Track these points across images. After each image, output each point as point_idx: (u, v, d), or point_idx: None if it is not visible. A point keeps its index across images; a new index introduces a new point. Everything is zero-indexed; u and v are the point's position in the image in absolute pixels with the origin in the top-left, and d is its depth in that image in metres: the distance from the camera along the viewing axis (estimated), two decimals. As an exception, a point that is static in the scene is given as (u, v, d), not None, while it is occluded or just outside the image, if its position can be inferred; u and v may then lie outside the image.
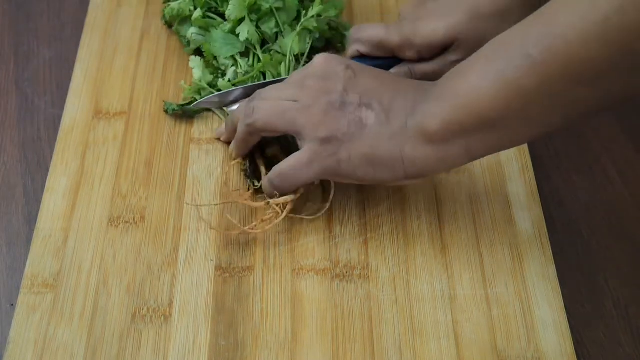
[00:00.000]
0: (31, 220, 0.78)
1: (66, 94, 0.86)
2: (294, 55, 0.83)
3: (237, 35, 0.83)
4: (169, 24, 0.91)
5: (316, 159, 0.71)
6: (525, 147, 0.81)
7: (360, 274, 0.73)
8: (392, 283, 0.73)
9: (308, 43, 0.85)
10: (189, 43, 0.88)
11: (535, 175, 0.79)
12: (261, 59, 0.83)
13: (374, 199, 0.78)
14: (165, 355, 0.68)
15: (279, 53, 0.84)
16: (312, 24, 0.84)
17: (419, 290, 0.72)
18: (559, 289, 0.72)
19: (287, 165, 0.72)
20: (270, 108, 0.73)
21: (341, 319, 0.71)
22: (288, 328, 0.70)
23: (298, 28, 0.84)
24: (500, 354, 0.69)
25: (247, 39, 0.83)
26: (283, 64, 0.83)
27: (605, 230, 0.78)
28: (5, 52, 0.92)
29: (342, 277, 0.73)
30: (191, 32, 0.87)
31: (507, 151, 0.81)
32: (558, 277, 0.73)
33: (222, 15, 0.86)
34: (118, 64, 0.88)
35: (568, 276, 0.75)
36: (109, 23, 0.92)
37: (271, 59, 0.82)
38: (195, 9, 0.87)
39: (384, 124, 0.69)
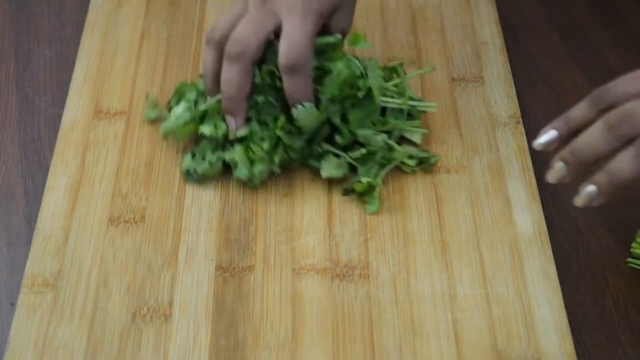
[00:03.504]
0: (31, 219, 0.78)
1: (66, 94, 0.86)
2: None
3: None
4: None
5: (309, 14, 0.74)
6: (525, 146, 0.81)
7: (360, 273, 0.73)
8: (392, 283, 0.73)
9: None
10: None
11: (535, 174, 0.79)
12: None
13: (374, 199, 0.78)
14: (165, 354, 0.68)
15: None
16: None
17: (419, 289, 0.72)
18: (559, 289, 0.72)
19: (291, 41, 0.73)
20: (245, 27, 0.74)
21: (341, 318, 0.70)
22: (288, 328, 0.70)
23: None
24: (500, 354, 0.68)
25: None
26: None
27: (605, 230, 0.78)
28: (5, 52, 0.92)
29: (342, 277, 0.73)
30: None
31: (507, 150, 0.81)
32: (558, 276, 0.73)
33: None
34: (118, 64, 0.88)
35: (568, 276, 0.75)
36: (109, 23, 0.92)
37: None
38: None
39: None
